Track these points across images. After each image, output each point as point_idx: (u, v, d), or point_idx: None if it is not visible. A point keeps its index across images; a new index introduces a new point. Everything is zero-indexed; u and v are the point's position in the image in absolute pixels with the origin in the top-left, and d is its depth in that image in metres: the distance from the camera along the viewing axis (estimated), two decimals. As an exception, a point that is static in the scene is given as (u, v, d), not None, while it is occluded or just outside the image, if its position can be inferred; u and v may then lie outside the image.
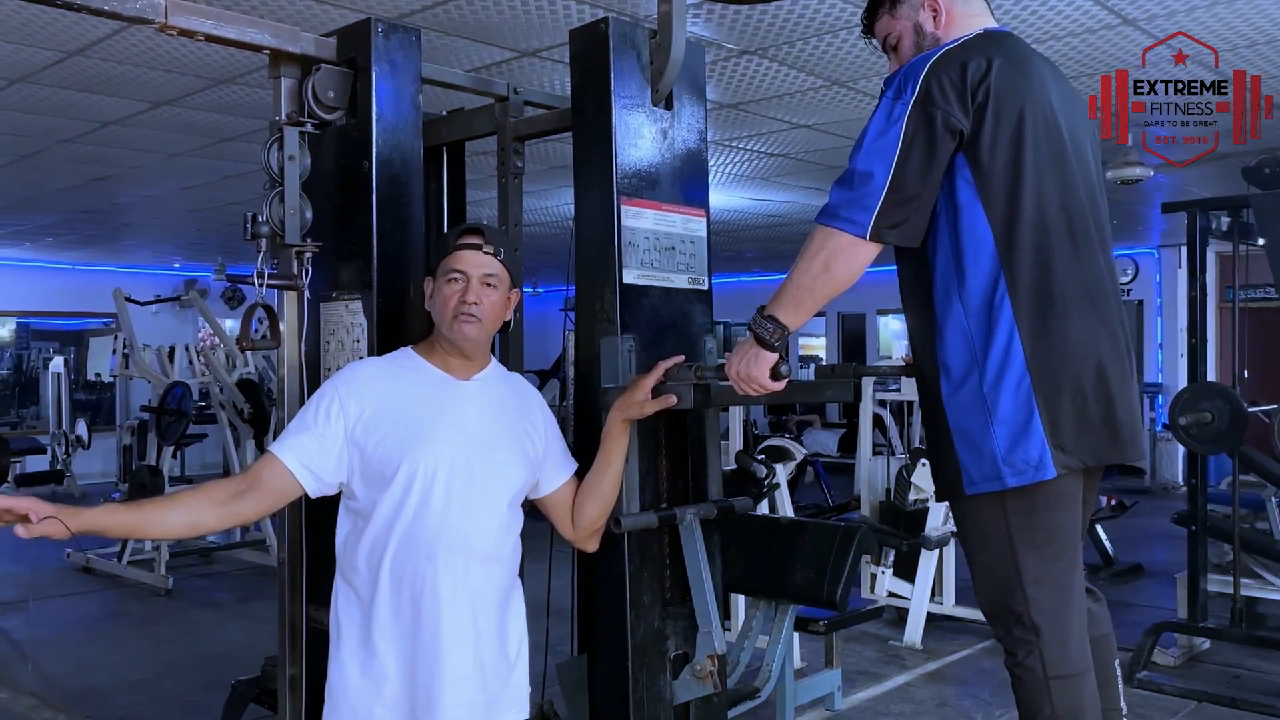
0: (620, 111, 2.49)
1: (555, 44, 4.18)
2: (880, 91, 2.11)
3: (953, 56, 2.06)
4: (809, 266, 2.06)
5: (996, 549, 2.12)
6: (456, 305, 2.11)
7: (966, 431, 2.08)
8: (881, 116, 2.05)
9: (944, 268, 2.12)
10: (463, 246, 2.15)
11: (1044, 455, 2.02)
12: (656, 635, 2.50)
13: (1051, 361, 2.04)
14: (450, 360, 2.18)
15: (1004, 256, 2.05)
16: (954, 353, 2.10)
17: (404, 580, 2.07)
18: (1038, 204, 2.07)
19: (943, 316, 2.12)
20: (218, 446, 11.57)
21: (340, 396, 2.10)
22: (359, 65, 2.54)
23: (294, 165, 2.51)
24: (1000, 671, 4.97)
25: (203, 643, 5.72)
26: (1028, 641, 2.10)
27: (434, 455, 2.07)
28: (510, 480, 2.19)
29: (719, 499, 2.61)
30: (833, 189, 2.08)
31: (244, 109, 5.22)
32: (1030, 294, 2.05)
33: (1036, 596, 2.09)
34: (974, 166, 2.05)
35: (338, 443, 2.08)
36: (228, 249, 11.32)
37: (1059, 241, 2.08)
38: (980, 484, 2.08)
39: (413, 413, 2.11)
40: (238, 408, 7.58)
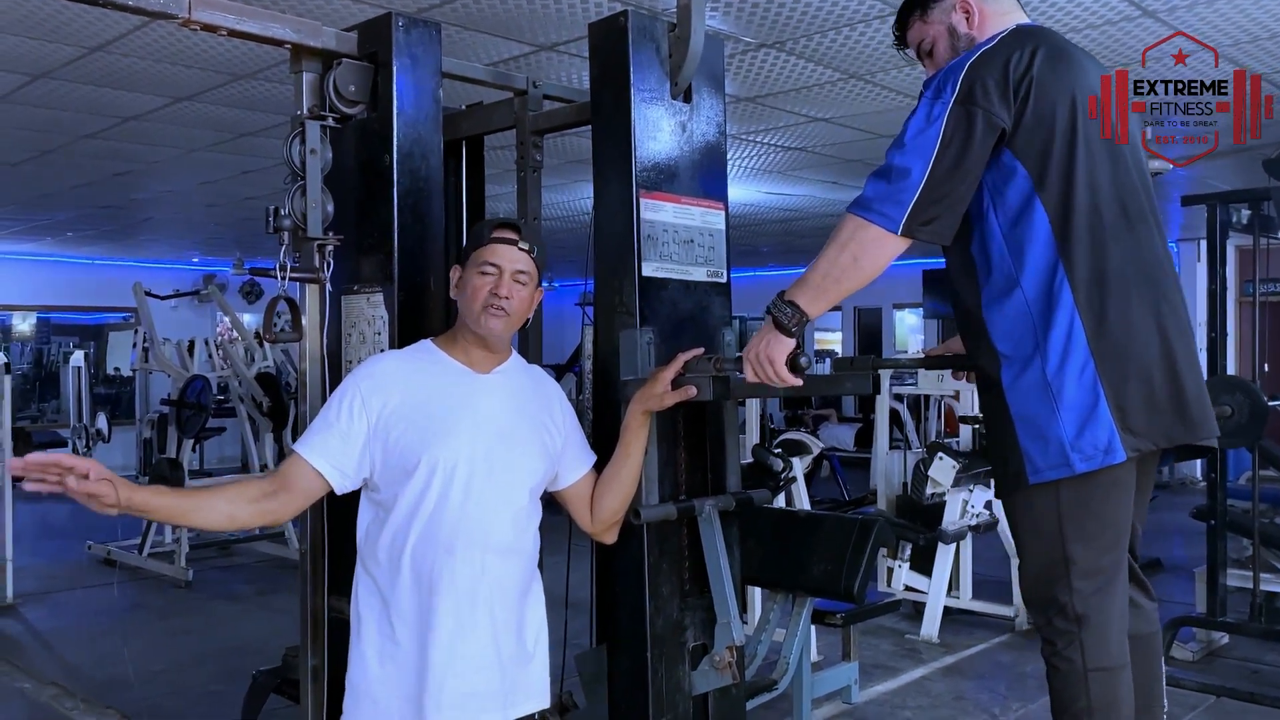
0: (639, 105, 2.50)
1: (573, 38, 4.18)
2: (920, 93, 2.12)
3: (993, 54, 2.07)
4: (837, 256, 2.07)
5: (1047, 538, 2.12)
6: (487, 298, 2.11)
7: (1031, 419, 2.09)
8: (921, 115, 2.06)
9: (999, 258, 2.13)
10: (498, 240, 2.15)
11: (1113, 439, 2.03)
12: (675, 626, 2.52)
13: (1115, 344, 2.05)
14: (472, 352, 2.18)
15: (1061, 243, 2.06)
16: (1014, 341, 2.11)
17: (423, 572, 2.08)
18: (1092, 189, 2.08)
19: (1000, 306, 2.13)
20: (236, 440, 11.64)
21: (362, 392, 2.10)
22: (380, 60, 2.56)
23: (315, 159, 2.53)
24: (1018, 666, 5.05)
25: (223, 634, 5.76)
26: (1069, 632, 2.10)
27: (454, 449, 2.08)
28: (530, 473, 2.20)
29: (737, 491, 2.62)
30: (868, 181, 2.09)
31: (263, 104, 5.24)
32: (1089, 278, 2.06)
33: (1082, 588, 2.09)
34: (1025, 158, 2.07)
35: (361, 439, 2.09)
36: (246, 244, 11.38)
37: (1115, 225, 2.09)
38: (1046, 471, 2.08)
39: (433, 406, 2.11)
40: (257, 401, 7.63)
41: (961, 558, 5.73)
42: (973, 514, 5.57)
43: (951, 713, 4.42)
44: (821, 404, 13.61)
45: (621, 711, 2.53)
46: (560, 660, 3.13)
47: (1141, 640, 2.24)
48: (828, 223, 10.01)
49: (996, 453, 2.22)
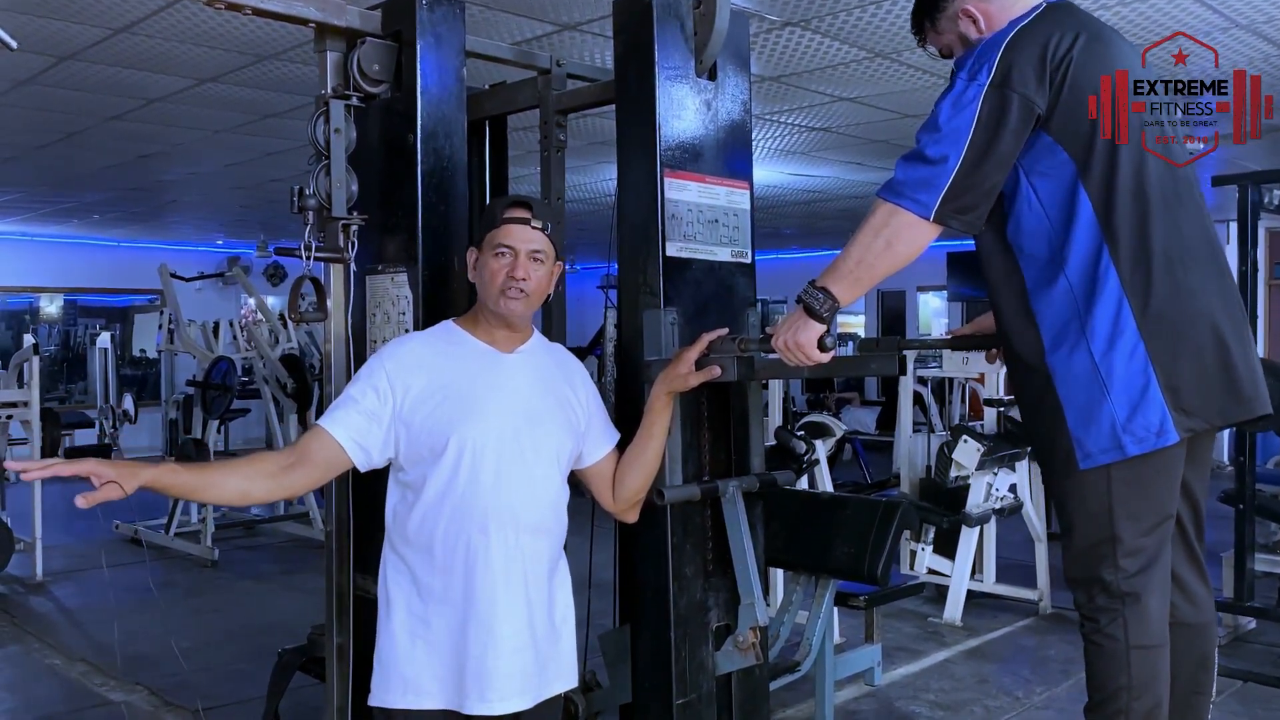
0: (664, 83, 2.48)
1: (596, 17, 4.16)
2: (952, 72, 2.09)
3: (1029, 34, 2.04)
4: (870, 242, 2.05)
5: (1096, 517, 2.11)
6: (504, 281, 2.10)
7: (1080, 403, 2.07)
8: (954, 97, 2.03)
9: (1041, 242, 2.10)
10: (510, 220, 2.13)
11: (1165, 420, 2.01)
12: (698, 607, 2.52)
13: (1164, 323, 2.03)
14: (495, 333, 2.17)
15: (1105, 225, 2.04)
16: (1060, 326, 2.09)
17: (456, 552, 2.08)
18: (1136, 170, 2.05)
19: (1044, 291, 2.10)
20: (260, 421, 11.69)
21: (388, 373, 2.10)
22: (404, 38, 2.55)
23: (340, 138, 2.53)
24: (1041, 649, 5.03)
25: (249, 613, 5.82)
26: (1113, 610, 2.10)
27: (482, 429, 2.08)
28: (557, 452, 2.19)
29: (761, 472, 2.61)
30: (899, 165, 2.07)
31: (287, 85, 5.25)
32: (1134, 259, 2.03)
33: (1127, 566, 2.09)
34: (1065, 141, 2.04)
35: (386, 419, 2.09)
36: (270, 226, 11.42)
37: (1160, 205, 2.07)
38: (1098, 455, 2.06)
39: (460, 387, 2.10)
40: (281, 382, 7.67)
41: (985, 541, 5.71)
42: (997, 497, 5.53)
43: (975, 695, 4.41)
44: (844, 386, 13.57)
45: (645, 691, 2.53)
46: (584, 640, 3.15)
47: (1193, 629, 2.23)
48: (851, 205, 9.96)
49: (1044, 439, 2.18)
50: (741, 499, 2.50)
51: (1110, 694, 2.12)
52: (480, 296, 2.18)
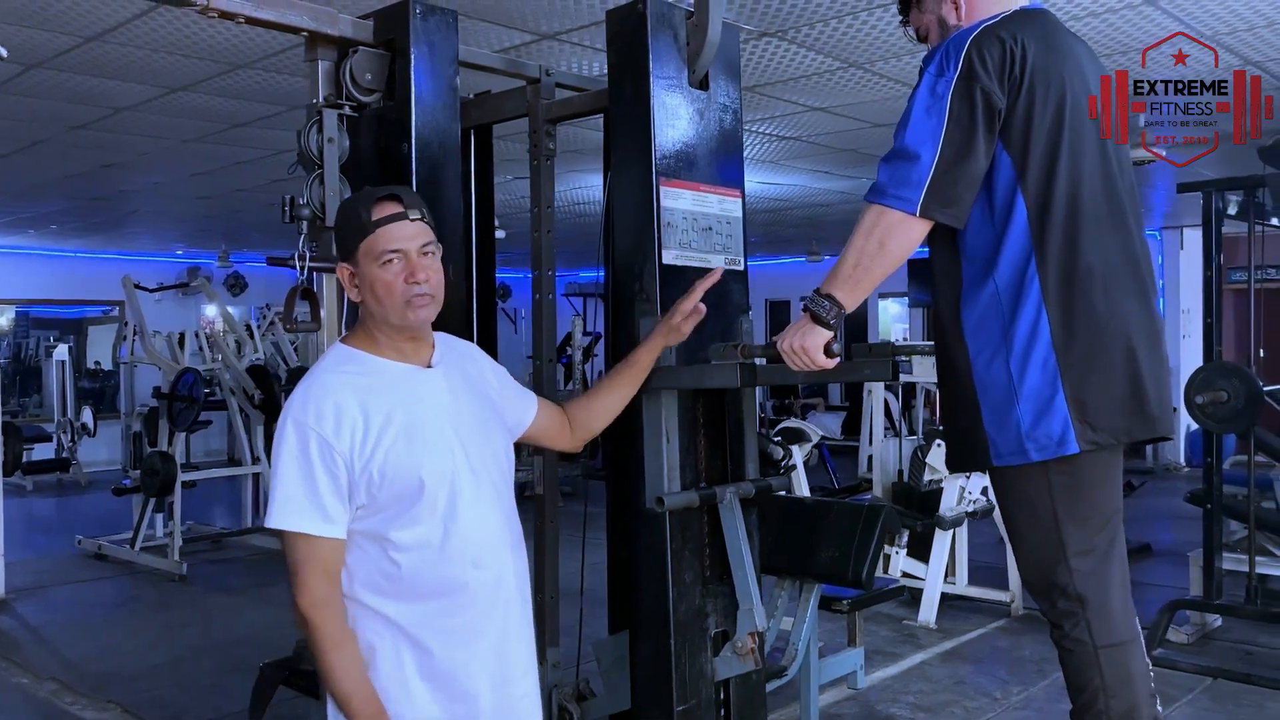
0: (658, 92, 2.50)
1: (575, 26, 4.17)
2: (920, 68, 2.13)
3: (992, 33, 2.08)
4: (864, 245, 2.08)
5: (1042, 522, 2.15)
6: (405, 289, 1.89)
7: (993, 406, 2.12)
8: (925, 93, 2.07)
9: (979, 245, 2.14)
10: (386, 220, 1.90)
11: (1066, 431, 2.06)
12: (697, 613, 2.53)
13: (1079, 338, 2.08)
14: (403, 348, 1.97)
15: (1036, 235, 2.08)
16: (984, 330, 2.14)
17: (453, 592, 1.92)
18: (1072, 184, 2.09)
19: (974, 294, 2.15)
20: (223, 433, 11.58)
21: (324, 437, 1.84)
22: (397, 47, 2.55)
23: (333, 148, 2.52)
24: (1015, 650, 5.10)
25: (221, 627, 5.74)
26: (1073, 613, 2.14)
27: (443, 459, 1.92)
28: (508, 457, 2.10)
29: (756, 478, 2.63)
30: (880, 167, 2.10)
31: (260, 94, 5.21)
32: (1059, 272, 2.08)
33: (1080, 567, 2.13)
34: (1010, 145, 2.08)
35: (346, 488, 1.86)
36: (232, 236, 11.31)
37: (1092, 220, 2.11)
38: (1007, 456, 2.12)
39: (402, 420, 1.90)
40: (248, 394, 7.59)
41: (957, 544, 5.78)
42: (969, 500, 5.61)
43: (953, 697, 4.46)
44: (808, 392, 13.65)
45: (644, 698, 2.54)
46: (575, 648, 3.14)
47: None
48: (815, 213, 10.04)
49: (957, 435, 2.25)
50: (739, 505, 2.52)
51: (1088, 696, 2.16)
52: (374, 314, 1.94)
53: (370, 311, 1.95)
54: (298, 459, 1.85)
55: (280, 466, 1.86)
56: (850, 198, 9.14)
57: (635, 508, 2.56)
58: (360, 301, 1.97)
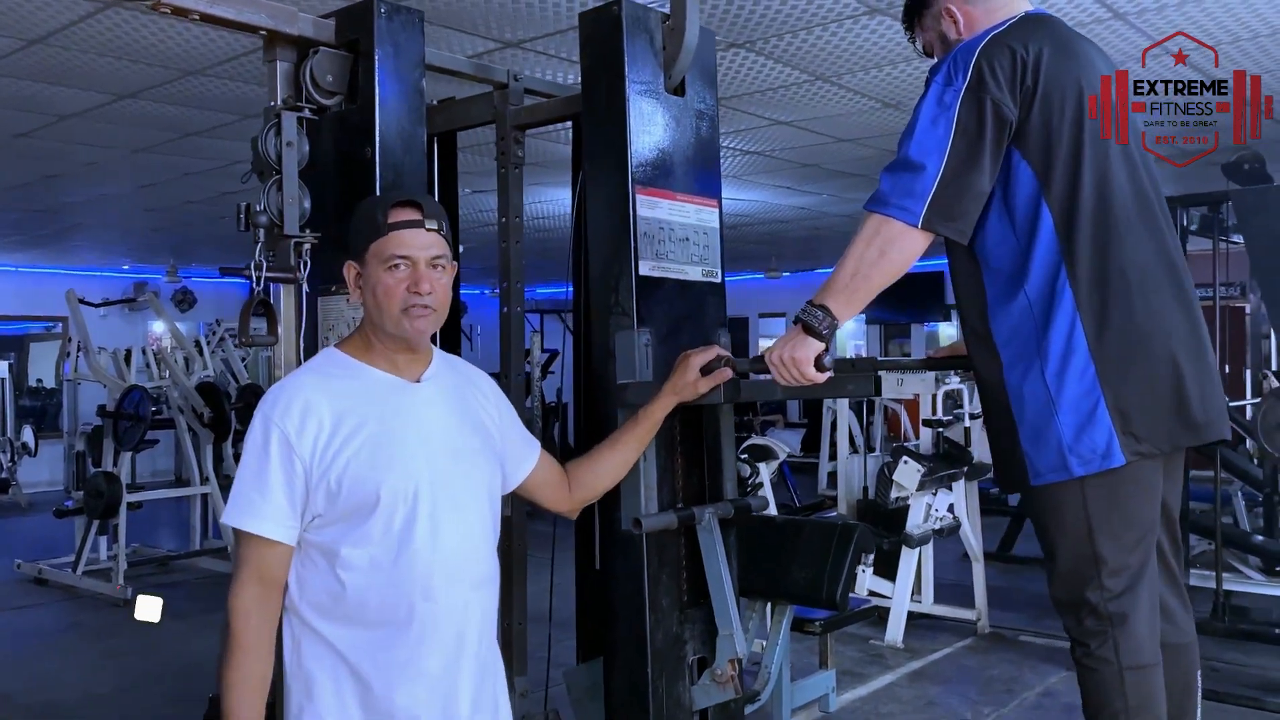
0: (634, 97, 2.41)
1: (541, 35, 4.08)
2: (928, 78, 2.06)
3: (1001, 41, 2.02)
4: (863, 254, 2.00)
5: (1074, 538, 2.08)
6: (405, 297, 1.81)
7: (1030, 422, 2.05)
8: (932, 103, 2.01)
9: (1003, 257, 2.08)
10: (401, 225, 1.83)
11: (1111, 443, 1.99)
12: (675, 640, 2.42)
13: (1116, 346, 2.01)
14: (395, 358, 1.88)
15: (1064, 242, 2.02)
16: (1017, 344, 2.07)
17: (399, 622, 1.79)
18: (1099, 188, 2.04)
19: (1003, 308, 2.08)
20: (170, 453, 11.28)
21: (286, 434, 1.76)
22: (361, 48, 2.44)
23: (292, 152, 2.40)
24: (984, 669, 5.04)
25: (168, 655, 5.52)
26: (1102, 632, 2.06)
27: (408, 478, 1.80)
28: (490, 489, 1.97)
29: (735, 498, 2.54)
30: (883, 176, 2.03)
31: (212, 102, 5.04)
32: (1092, 279, 2.02)
33: (1112, 586, 2.06)
34: (1030, 155, 2.02)
35: (301, 490, 1.77)
36: (181, 250, 11.05)
37: (1123, 223, 2.05)
38: (1046, 474, 2.05)
39: (374, 431, 1.80)
40: (197, 412, 7.37)
41: (923, 561, 5.72)
42: (936, 518, 5.55)
43: (923, 718, 4.38)
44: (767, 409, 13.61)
45: (619, 729, 2.42)
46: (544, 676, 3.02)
47: (1175, 650, 2.20)
48: (776, 229, 10.02)
49: (999, 455, 2.17)
50: (718, 526, 2.42)
51: (1109, 717, 2.09)
52: (372, 318, 1.87)
53: (369, 315, 1.88)
54: (259, 454, 1.78)
55: (244, 460, 1.81)
56: (810, 214, 9.12)
57: (608, 528, 2.46)
58: (361, 304, 1.91)
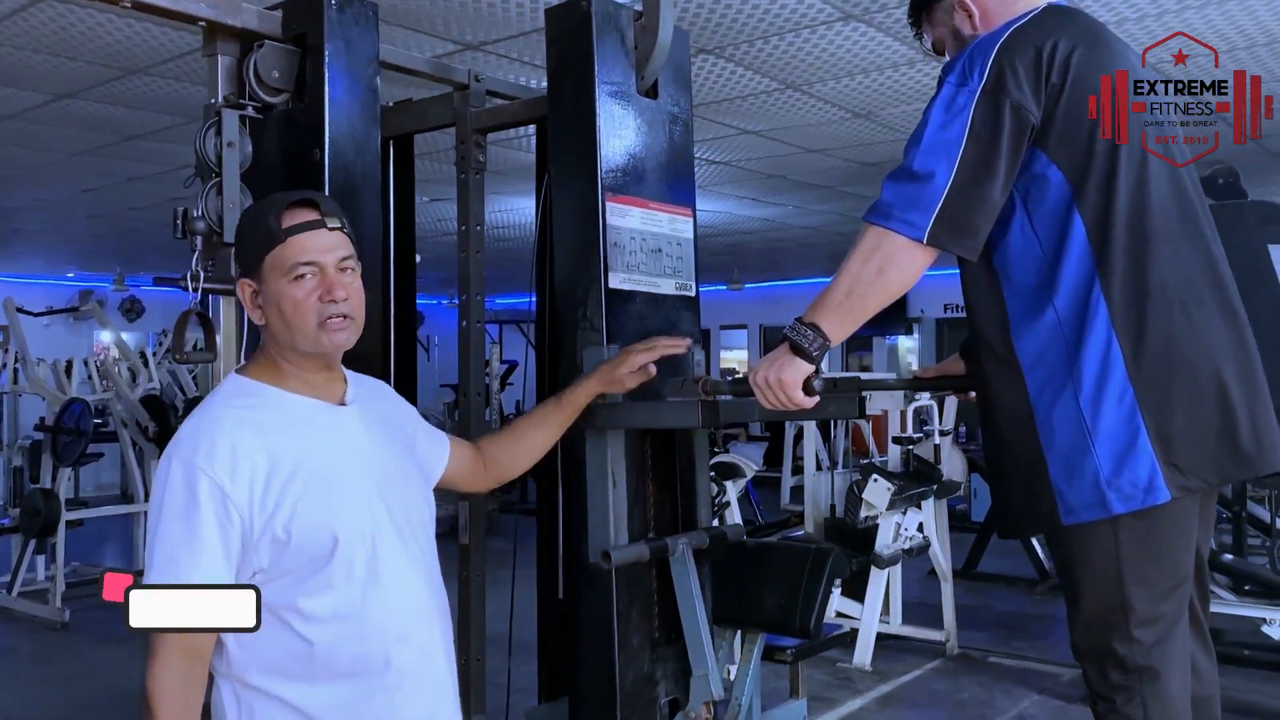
0: (604, 99, 2.26)
1: (502, 37, 3.92)
2: (940, 77, 1.90)
3: (1025, 36, 1.84)
4: (859, 270, 1.82)
5: (1102, 583, 1.89)
6: (320, 309, 1.62)
7: (1062, 453, 1.85)
8: (943, 105, 1.82)
9: (1026, 269, 1.89)
10: (299, 228, 1.62)
11: (1155, 477, 1.79)
12: (646, 680, 2.26)
13: (1156, 367, 1.82)
14: (312, 379, 1.69)
15: (1098, 253, 1.83)
16: (1045, 366, 1.87)
17: (374, 672, 1.63)
18: (1136, 195, 1.85)
19: (1029, 326, 1.89)
20: (114, 466, 10.94)
21: (218, 482, 1.54)
22: (309, 43, 2.26)
23: (233, 153, 2.21)
24: (954, 693, 4.92)
25: (110, 682, 5.26)
26: (1129, 688, 1.88)
27: (361, 515, 1.64)
28: (430, 511, 1.82)
29: (710, 526, 2.38)
30: (885, 185, 1.85)
31: (156, 103, 4.83)
32: (1128, 293, 1.83)
33: (1143, 637, 1.87)
34: (1059, 158, 1.84)
35: (238, 545, 1.56)
36: (127, 258, 10.73)
37: (1162, 232, 1.86)
38: (1081, 512, 1.84)
39: (314, 468, 1.61)
40: (142, 425, 7.10)
41: (891, 581, 5.60)
42: (906, 537, 5.44)
43: (897, 746, 4.26)
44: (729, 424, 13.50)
45: (586, 777, 2.25)
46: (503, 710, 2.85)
47: (1199, 704, 2.02)
48: (738, 241, 9.91)
49: (1018, 490, 1.96)
50: (692, 557, 2.26)
51: None
52: (279, 339, 1.66)
53: (275, 336, 1.66)
54: (183, 509, 1.53)
55: (162, 518, 1.54)
56: (774, 226, 9.02)
57: (573, 557, 2.30)
58: (263, 324, 1.68)
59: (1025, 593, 6.91)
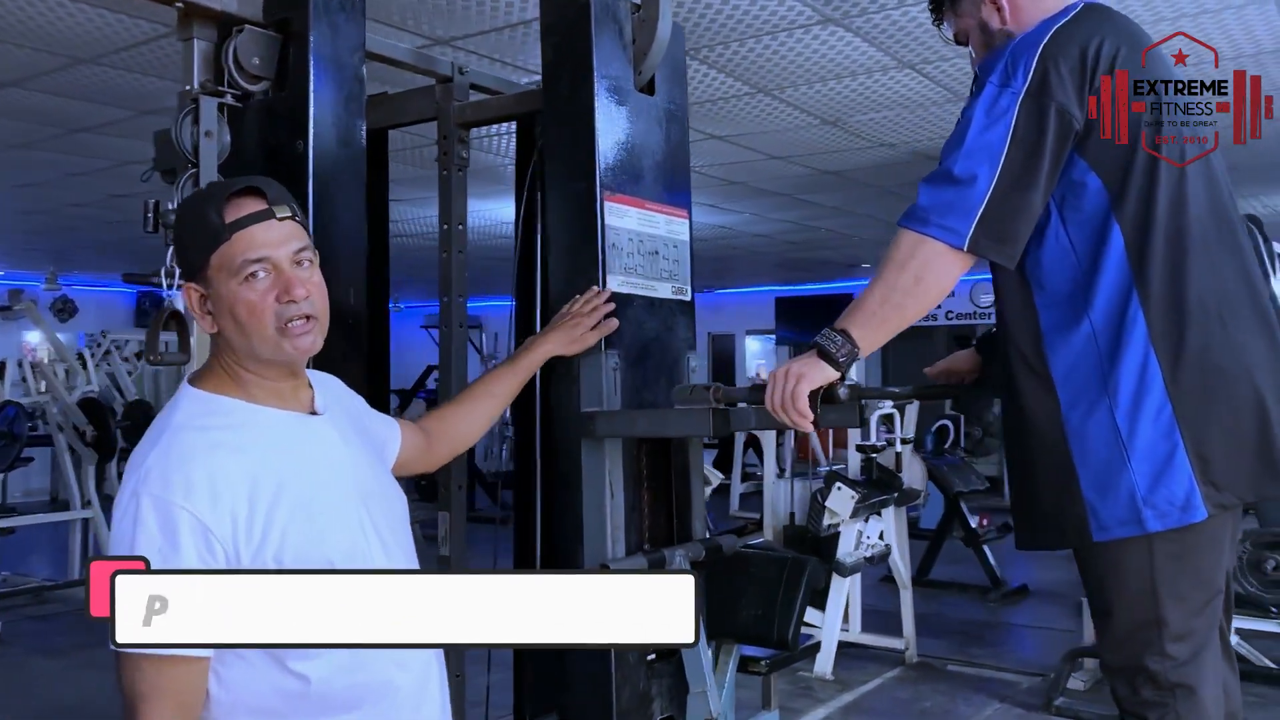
0: (603, 94, 2.18)
1: (475, 32, 3.82)
2: (977, 77, 1.85)
3: (1069, 37, 1.79)
4: (896, 278, 1.77)
5: (1136, 599, 1.84)
6: (279, 311, 1.46)
7: (1096, 469, 1.81)
8: (985, 107, 1.77)
9: (1061, 278, 1.85)
10: (246, 220, 1.45)
11: (1192, 494, 1.76)
12: (642, 699, 2.18)
13: (1194, 382, 1.78)
14: (280, 388, 1.54)
15: (1136, 264, 1.79)
16: (1079, 377, 1.83)
17: (378, 699, 1.51)
18: (1176, 205, 1.82)
19: (1063, 337, 1.84)
20: (44, 472, 10.57)
21: (198, 518, 1.38)
22: (293, 28, 2.15)
23: (211, 143, 2.09)
24: (916, 701, 4.91)
25: (45, 697, 5.05)
26: (1162, 704, 1.84)
27: (352, 534, 1.52)
28: (406, 514, 1.69)
29: (705, 537, 2.31)
30: (922, 189, 1.80)
31: (103, 94, 4.62)
32: (1166, 306, 1.79)
33: (1177, 654, 1.83)
34: (1099, 165, 1.80)
35: None
36: (61, 257, 10.38)
37: (1200, 244, 1.83)
38: (1114, 529, 1.80)
39: (298, 490, 1.47)
40: (79, 429, 6.84)
41: (851, 590, 5.58)
42: (868, 545, 5.42)
43: (864, 757, 4.22)
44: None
45: (579, 799, 2.17)
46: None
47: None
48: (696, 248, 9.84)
49: (1048, 503, 1.91)
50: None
51: None
52: (234, 346, 1.49)
53: (230, 344, 1.49)
54: (159, 552, 1.34)
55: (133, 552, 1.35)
56: (729, 233, 8.99)
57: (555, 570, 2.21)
58: (215, 332, 1.51)
59: (978, 600, 6.95)
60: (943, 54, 4.06)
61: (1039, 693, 4.89)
